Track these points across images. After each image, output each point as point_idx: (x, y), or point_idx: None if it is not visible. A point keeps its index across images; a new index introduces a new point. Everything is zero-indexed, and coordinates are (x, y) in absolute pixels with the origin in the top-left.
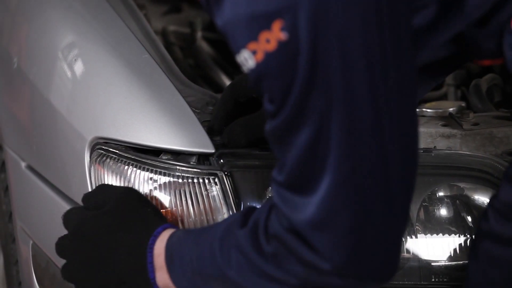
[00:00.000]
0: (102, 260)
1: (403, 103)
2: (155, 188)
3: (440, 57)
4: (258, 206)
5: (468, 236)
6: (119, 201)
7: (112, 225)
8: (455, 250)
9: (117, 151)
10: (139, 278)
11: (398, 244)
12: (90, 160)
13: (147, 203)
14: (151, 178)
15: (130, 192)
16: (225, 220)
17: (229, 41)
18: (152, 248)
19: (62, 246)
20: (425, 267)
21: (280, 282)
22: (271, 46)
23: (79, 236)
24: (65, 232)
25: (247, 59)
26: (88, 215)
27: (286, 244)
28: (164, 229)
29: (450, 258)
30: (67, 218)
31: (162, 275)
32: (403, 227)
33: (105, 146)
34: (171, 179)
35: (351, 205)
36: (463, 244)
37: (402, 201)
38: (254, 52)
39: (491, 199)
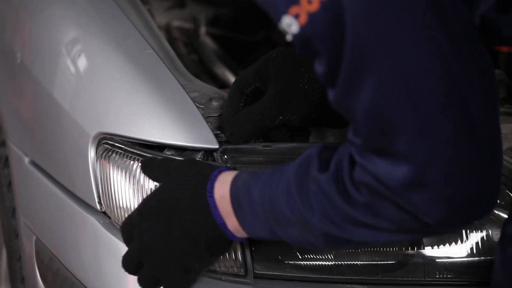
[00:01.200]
0: (169, 227)
1: (472, 49)
2: None
3: None
4: (330, 147)
5: (474, 232)
6: (173, 170)
7: (170, 189)
8: (459, 246)
9: (122, 146)
10: (208, 228)
11: (496, 179)
12: (95, 155)
13: (201, 162)
14: None
15: (186, 160)
16: (294, 162)
17: (268, 10)
18: (212, 192)
19: (127, 226)
20: (429, 264)
21: (370, 227)
22: (314, 6)
23: (144, 210)
24: (67, 228)
25: (290, 24)
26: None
27: (380, 193)
28: (220, 172)
29: (455, 255)
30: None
31: (230, 219)
32: (498, 164)
33: (111, 141)
34: None
35: (439, 157)
36: (468, 241)
37: (490, 140)
38: (296, 16)
39: None
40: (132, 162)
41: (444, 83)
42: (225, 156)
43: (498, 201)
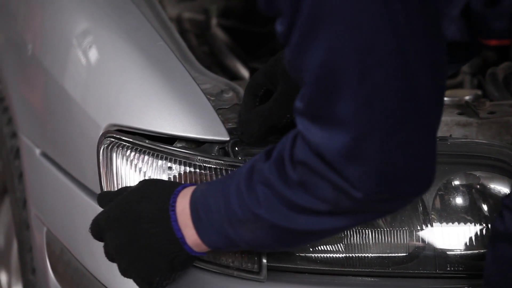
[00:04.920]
0: (133, 239)
1: (427, 27)
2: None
3: (450, 38)
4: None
5: (484, 225)
6: (140, 183)
7: (132, 200)
8: (470, 239)
9: (131, 140)
10: (168, 243)
11: (432, 160)
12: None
13: (164, 180)
14: (169, 167)
15: (147, 180)
16: (248, 162)
17: None
18: (174, 206)
19: (96, 228)
20: (440, 256)
21: (310, 211)
22: None
23: (109, 220)
24: (78, 219)
25: None
26: (115, 200)
27: (315, 169)
28: (184, 187)
29: (466, 247)
30: (100, 200)
31: (190, 232)
32: (434, 145)
33: (117, 135)
34: (190, 169)
35: (379, 130)
36: (478, 233)
37: (433, 121)
38: None
39: (504, 199)
40: (141, 155)
41: (394, 57)
42: (236, 148)
43: (504, 204)
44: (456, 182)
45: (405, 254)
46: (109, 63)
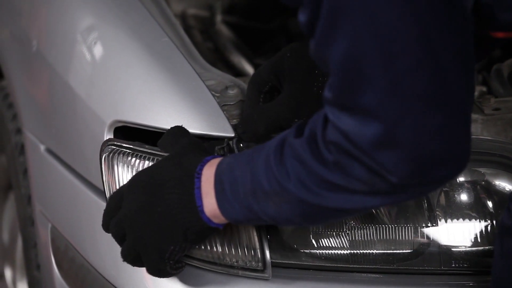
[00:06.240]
0: (152, 202)
1: (449, 11)
2: None
3: None
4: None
5: (489, 221)
6: (178, 145)
7: (164, 166)
8: (475, 235)
9: (131, 146)
10: (185, 211)
11: (466, 141)
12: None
13: (204, 145)
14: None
15: (192, 140)
16: (277, 136)
17: None
18: (200, 174)
19: (117, 194)
20: (445, 253)
21: (344, 189)
22: None
23: (135, 182)
24: (83, 215)
25: None
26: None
27: (348, 152)
28: (213, 158)
29: (471, 244)
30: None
31: (209, 202)
32: (468, 126)
33: (117, 142)
34: None
35: (409, 116)
36: (483, 230)
37: (463, 103)
38: None
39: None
40: (141, 161)
41: (418, 44)
42: (241, 145)
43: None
44: (461, 179)
45: (410, 251)
46: (114, 59)
